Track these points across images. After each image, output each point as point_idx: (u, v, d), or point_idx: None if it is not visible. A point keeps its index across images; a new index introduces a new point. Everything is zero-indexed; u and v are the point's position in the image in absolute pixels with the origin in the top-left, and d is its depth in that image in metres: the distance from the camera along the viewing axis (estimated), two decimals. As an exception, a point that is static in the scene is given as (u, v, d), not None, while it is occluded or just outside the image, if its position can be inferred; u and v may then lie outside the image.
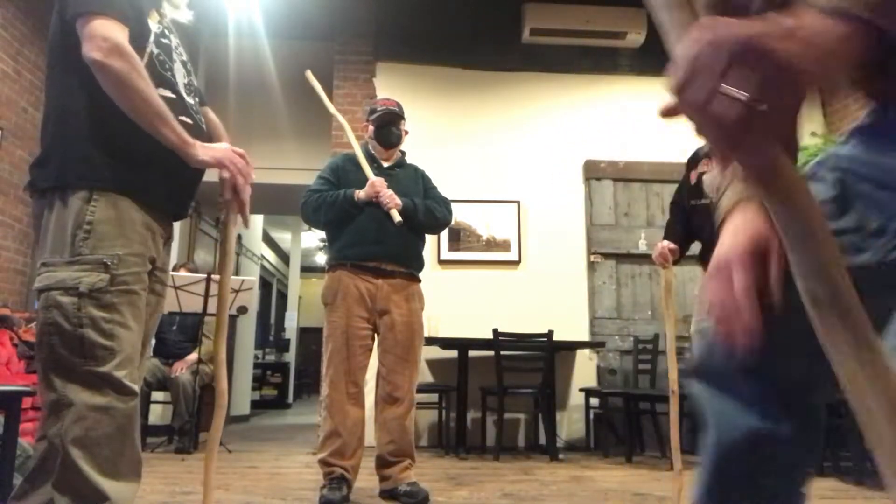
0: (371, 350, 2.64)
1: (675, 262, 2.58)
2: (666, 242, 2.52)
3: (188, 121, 1.51)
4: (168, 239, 1.55)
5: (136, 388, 1.39)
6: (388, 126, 2.80)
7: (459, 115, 4.95)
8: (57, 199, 1.37)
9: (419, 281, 2.75)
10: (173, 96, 1.48)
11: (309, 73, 2.89)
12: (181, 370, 4.22)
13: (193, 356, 4.21)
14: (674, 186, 4.86)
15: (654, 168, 4.92)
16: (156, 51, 1.45)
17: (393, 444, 2.56)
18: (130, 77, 1.32)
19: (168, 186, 1.48)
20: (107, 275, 1.35)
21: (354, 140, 2.80)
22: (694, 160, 2.56)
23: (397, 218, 2.54)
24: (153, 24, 1.48)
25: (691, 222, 2.51)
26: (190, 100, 1.54)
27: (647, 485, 3.04)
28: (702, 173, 2.49)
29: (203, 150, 1.43)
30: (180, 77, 1.52)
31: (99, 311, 1.33)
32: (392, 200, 2.57)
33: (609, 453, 4.09)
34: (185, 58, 1.58)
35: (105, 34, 1.31)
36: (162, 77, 1.45)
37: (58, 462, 1.28)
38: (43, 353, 1.33)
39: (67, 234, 1.35)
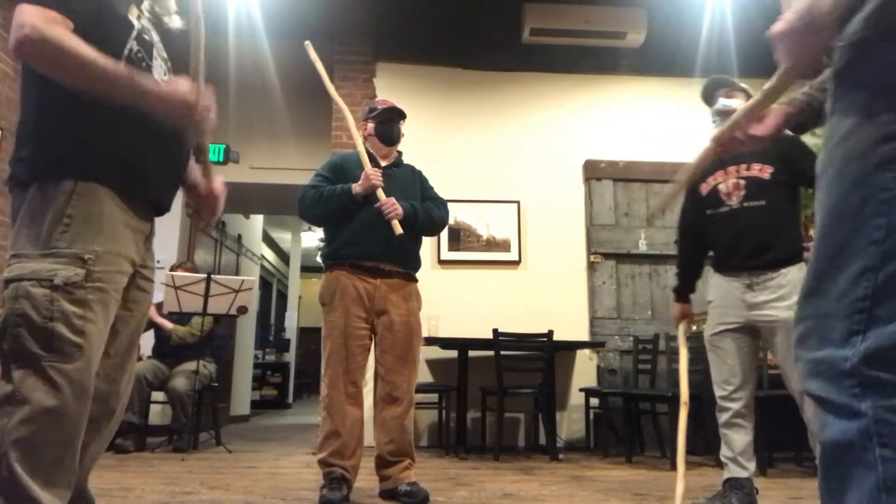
0: (369, 350, 2.64)
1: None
2: (677, 309, 2.78)
3: None
4: (149, 236, 1.53)
5: (91, 391, 1.34)
6: (390, 122, 2.80)
7: (459, 115, 4.95)
8: (37, 190, 1.33)
9: (416, 280, 2.74)
10: None
11: (308, 46, 2.77)
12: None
13: (192, 365, 4.18)
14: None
15: (654, 168, 4.92)
16: (135, 47, 1.44)
17: (392, 444, 2.55)
18: (56, 56, 1.26)
19: (154, 176, 1.47)
20: (83, 270, 1.31)
21: (354, 126, 2.75)
22: (701, 175, 2.59)
23: (398, 230, 2.53)
24: (134, 20, 1.46)
25: (707, 233, 2.56)
26: None
27: (647, 485, 3.04)
28: (717, 184, 2.53)
29: (162, 102, 1.37)
30: (158, 74, 1.51)
31: (71, 306, 1.29)
32: (394, 210, 2.55)
33: (609, 453, 4.09)
34: (164, 55, 1.57)
35: (21, 21, 1.26)
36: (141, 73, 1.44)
37: None
38: (7, 345, 1.27)
39: (44, 227, 1.31)
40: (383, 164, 2.79)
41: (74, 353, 1.29)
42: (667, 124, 5.03)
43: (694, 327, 4.40)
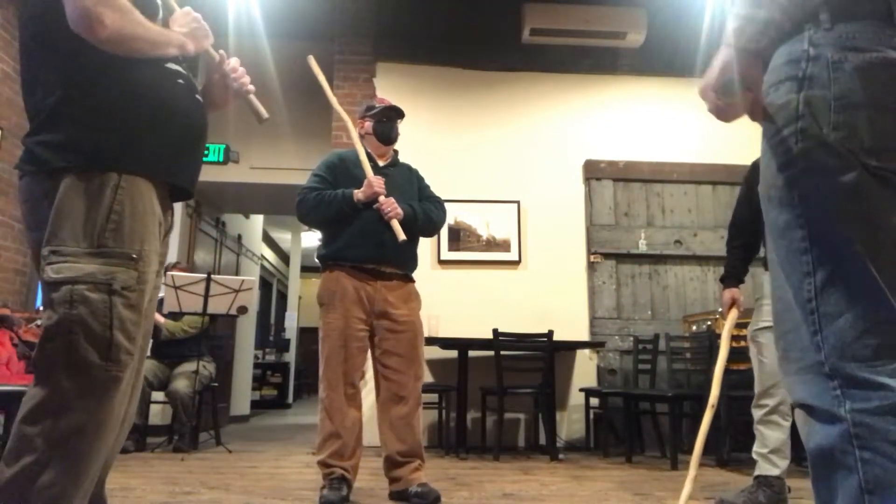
0: (367, 351, 2.63)
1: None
2: (728, 294, 2.60)
3: (200, 98, 1.53)
4: (169, 230, 1.51)
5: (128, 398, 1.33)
6: (388, 121, 2.79)
7: (459, 115, 4.95)
8: (77, 180, 1.25)
9: (414, 281, 2.75)
10: (185, 72, 1.49)
11: (311, 59, 2.75)
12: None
13: (192, 365, 4.18)
14: (674, 186, 4.92)
15: (654, 168, 4.92)
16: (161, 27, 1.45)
17: (401, 443, 2.54)
18: (125, 30, 1.26)
19: (186, 167, 1.46)
20: (135, 272, 1.27)
21: (356, 135, 2.77)
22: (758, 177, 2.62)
23: (401, 236, 2.51)
24: None
25: (761, 233, 2.57)
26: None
27: (647, 485, 3.04)
28: None
29: (192, 42, 1.45)
30: None
31: (127, 312, 1.25)
32: (394, 210, 2.55)
33: (609, 453, 4.08)
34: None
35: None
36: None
37: (29, 462, 1.16)
38: (56, 350, 1.21)
39: (90, 222, 1.24)
40: (380, 163, 2.78)
41: (127, 361, 1.25)
42: (667, 124, 5.03)
43: (694, 327, 4.41)
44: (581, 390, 4.50)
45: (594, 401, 4.43)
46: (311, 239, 10.63)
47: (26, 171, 1.31)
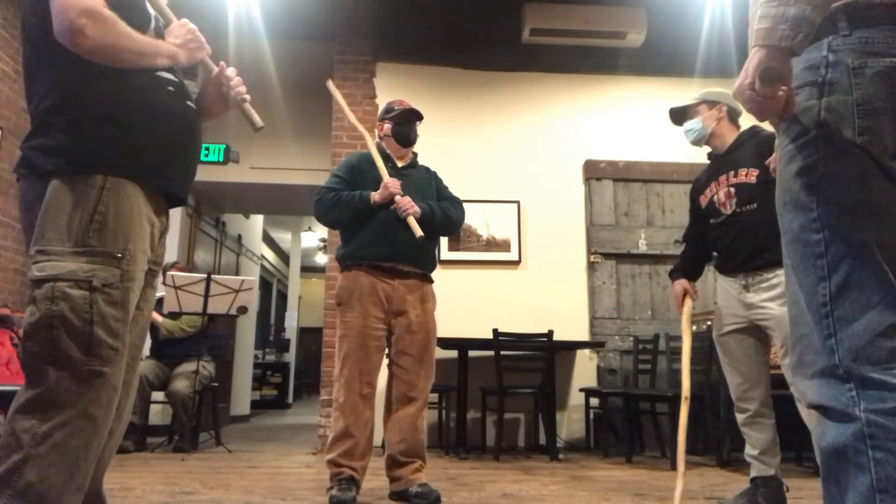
0: (384, 350, 2.64)
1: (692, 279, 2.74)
2: (678, 285, 2.71)
3: (192, 105, 1.55)
4: (164, 231, 1.53)
5: (119, 394, 1.35)
6: (407, 124, 2.81)
7: (459, 115, 4.95)
8: (63, 183, 1.29)
9: (432, 281, 2.75)
10: (176, 80, 1.51)
11: (330, 84, 2.89)
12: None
13: (192, 365, 4.18)
14: (674, 186, 4.92)
15: (654, 168, 4.92)
16: (154, 38, 1.47)
17: (404, 442, 2.55)
18: (108, 41, 1.30)
19: (176, 170, 1.48)
20: (118, 270, 1.30)
21: (372, 144, 2.80)
22: (699, 188, 2.71)
23: (419, 233, 2.52)
24: (150, 9, 1.50)
25: (708, 239, 2.65)
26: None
27: (647, 485, 3.04)
28: (712, 196, 2.60)
29: (184, 53, 1.50)
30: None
31: (109, 308, 1.28)
32: (411, 208, 2.56)
33: (609, 453, 4.09)
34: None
35: (68, 4, 1.25)
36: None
37: (18, 459, 1.18)
38: (39, 346, 1.24)
39: (75, 223, 1.28)
40: (399, 164, 2.80)
41: (112, 357, 1.28)
42: (667, 124, 5.00)
43: (694, 327, 4.40)
44: (581, 390, 4.50)
45: (594, 401, 4.43)
46: (312, 239, 10.63)
47: (21, 174, 1.35)
